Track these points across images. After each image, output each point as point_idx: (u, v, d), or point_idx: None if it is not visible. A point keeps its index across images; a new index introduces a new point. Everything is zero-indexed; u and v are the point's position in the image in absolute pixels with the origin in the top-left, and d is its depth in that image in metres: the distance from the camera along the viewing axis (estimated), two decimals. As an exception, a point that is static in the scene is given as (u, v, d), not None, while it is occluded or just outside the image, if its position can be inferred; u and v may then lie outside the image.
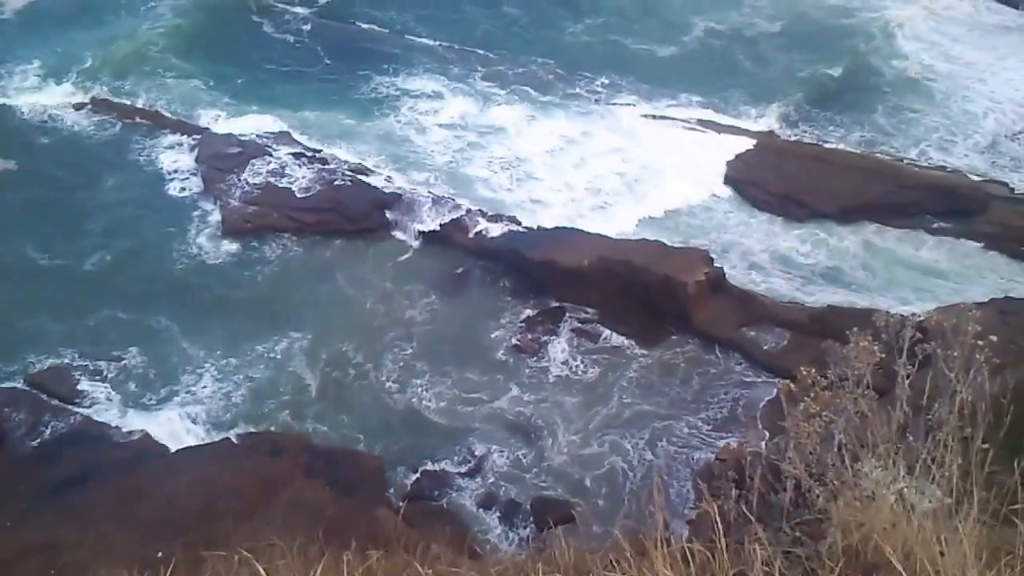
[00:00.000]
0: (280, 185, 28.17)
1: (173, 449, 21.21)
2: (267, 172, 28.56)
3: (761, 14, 37.99)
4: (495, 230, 27.06)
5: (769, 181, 29.25)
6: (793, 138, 31.21)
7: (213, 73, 33.41)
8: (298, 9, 37.36)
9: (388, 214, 27.61)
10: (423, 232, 27.15)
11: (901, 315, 4.99)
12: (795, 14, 37.92)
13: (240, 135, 30.07)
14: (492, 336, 24.60)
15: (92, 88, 32.37)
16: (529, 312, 25.20)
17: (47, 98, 31.96)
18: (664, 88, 33.46)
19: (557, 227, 27.15)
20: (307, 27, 36.30)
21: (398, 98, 32.69)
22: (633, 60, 35.20)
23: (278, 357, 23.69)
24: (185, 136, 30.39)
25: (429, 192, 28.27)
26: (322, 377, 23.36)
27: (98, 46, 34.36)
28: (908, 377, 4.74)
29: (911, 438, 4.68)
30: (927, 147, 30.88)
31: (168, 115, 31.31)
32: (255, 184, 28.15)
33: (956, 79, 34.11)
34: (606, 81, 33.98)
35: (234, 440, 21.51)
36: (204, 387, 22.92)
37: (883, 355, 4.65)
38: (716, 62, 35.27)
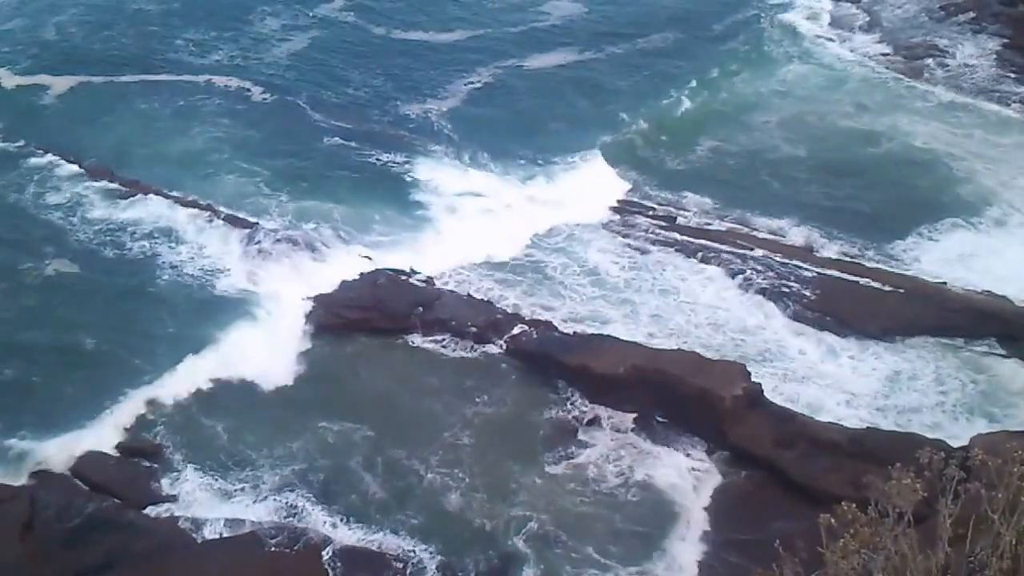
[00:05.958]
0: (323, 281, 28.65)
1: (199, 539, 21.15)
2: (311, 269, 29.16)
3: (772, 135, 37.22)
4: (532, 333, 27.22)
5: (809, 297, 29.16)
6: (835, 256, 31.10)
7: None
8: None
9: (427, 313, 27.86)
10: (462, 332, 27.31)
11: (944, 452, 4.96)
12: (812, 137, 36.98)
13: (290, 232, 30.70)
14: (525, 439, 24.41)
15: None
16: (563, 416, 25.04)
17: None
18: (686, 196, 33.44)
19: (593, 334, 27.19)
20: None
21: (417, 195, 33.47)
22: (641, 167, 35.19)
23: (316, 451, 23.76)
24: (236, 229, 31.15)
25: (468, 294, 28.65)
26: (359, 472, 23.35)
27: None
28: (951, 516, 4.69)
29: (953, 581, 4.59)
30: (971, 271, 30.58)
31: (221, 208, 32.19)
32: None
33: (994, 202, 33.69)
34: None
35: (259, 534, 21.34)
36: (238, 478, 23.00)
37: (925, 494, 4.61)
38: (740, 179, 34.79)
